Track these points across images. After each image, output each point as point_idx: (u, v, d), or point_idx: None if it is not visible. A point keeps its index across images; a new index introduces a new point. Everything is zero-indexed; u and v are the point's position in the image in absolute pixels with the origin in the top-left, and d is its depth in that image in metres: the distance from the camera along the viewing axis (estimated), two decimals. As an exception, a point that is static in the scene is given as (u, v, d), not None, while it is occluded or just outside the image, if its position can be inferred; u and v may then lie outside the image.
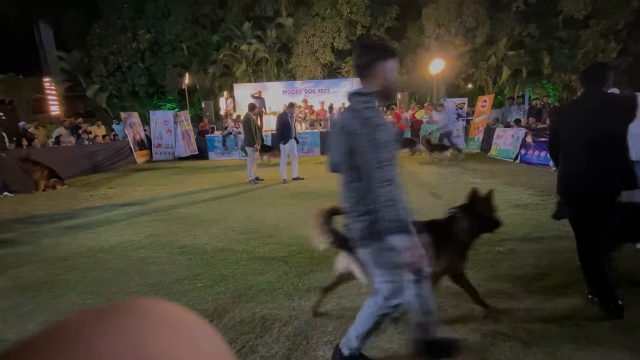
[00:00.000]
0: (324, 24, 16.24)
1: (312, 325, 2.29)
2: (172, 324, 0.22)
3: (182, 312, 0.24)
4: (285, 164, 7.13)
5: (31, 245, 4.05)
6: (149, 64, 17.08)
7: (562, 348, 2.00)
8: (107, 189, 7.27)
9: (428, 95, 16.65)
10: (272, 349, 2.08)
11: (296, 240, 3.78)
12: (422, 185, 6.33)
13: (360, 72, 1.59)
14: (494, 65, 15.91)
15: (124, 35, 16.76)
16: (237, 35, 16.80)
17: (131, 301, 0.23)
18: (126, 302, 0.23)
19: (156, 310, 0.23)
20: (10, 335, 2.35)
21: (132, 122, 12.02)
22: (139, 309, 0.23)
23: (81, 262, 3.51)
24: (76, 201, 6.34)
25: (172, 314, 0.23)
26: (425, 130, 11.66)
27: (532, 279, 2.80)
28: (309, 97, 14.46)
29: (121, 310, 0.22)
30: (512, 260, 3.15)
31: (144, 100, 17.80)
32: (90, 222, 4.89)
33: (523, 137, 8.60)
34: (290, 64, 17.27)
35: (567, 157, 2.36)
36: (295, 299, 2.62)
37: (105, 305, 0.22)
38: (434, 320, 1.94)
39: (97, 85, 17.29)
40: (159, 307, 0.23)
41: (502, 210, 4.54)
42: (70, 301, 2.75)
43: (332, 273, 2.99)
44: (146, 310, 0.23)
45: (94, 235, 4.30)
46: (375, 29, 16.59)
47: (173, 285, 2.92)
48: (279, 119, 7.14)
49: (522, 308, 2.40)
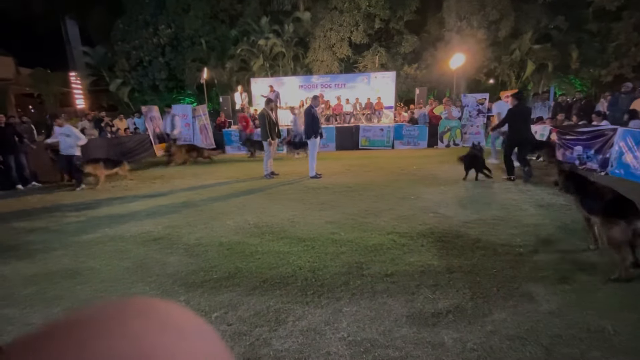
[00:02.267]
0: (342, 17, 16.06)
1: (326, 321, 2.29)
2: (171, 322, 0.23)
3: (180, 311, 0.24)
4: (315, 157, 6.99)
5: (57, 233, 4.22)
6: (169, 59, 17.41)
7: (587, 355, 1.92)
8: (128, 181, 7.49)
9: (447, 90, 16.25)
10: (286, 343, 2.09)
11: (309, 236, 3.78)
12: (447, 184, 6.20)
13: None
14: (518, 60, 15.33)
15: (145, 30, 17.13)
16: (254, 30, 16.86)
17: (130, 300, 0.24)
18: (125, 301, 0.24)
19: (154, 309, 0.23)
20: (36, 319, 2.45)
21: (152, 115, 12.29)
22: (137, 308, 0.23)
23: (103, 250, 3.63)
24: (99, 192, 6.57)
25: (171, 313, 0.24)
26: (444, 126, 11.41)
27: (555, 281, 2.69)
28: (325, 91, 14.37)
29: (120, 309, 0.22)
30: (534, 261, 3.04)
31: (163, 94, 18.19)
32: (112, 213, 5.06)
33: (548, 134, 8.27)
34: (307, 58, 17.21)
35: None
36: (309, 294, 2.62)
37: (104, 304, 0.23)
38: None
39: (119, 79, 17.80)
40: (158, 306, 0.24)
41: (523, 210, 4.42)
42: (94, 288, 2.85)
43: (344, 269, 2.98)
44: (145, 309, 0.23)
45: (116, 225, 4.44)
46: (394, 23, 16.29)
47: (190, 276, 2.98)
48: (306, 113, 7.02)
49: (544, 311, 2.31)
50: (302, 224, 4.21)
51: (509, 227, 3.84)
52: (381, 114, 13.65)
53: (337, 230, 3.93)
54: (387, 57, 16.56)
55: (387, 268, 2.99)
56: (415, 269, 2.96)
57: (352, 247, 3.45)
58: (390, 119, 13.52)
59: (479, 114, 11.60)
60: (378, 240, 3.59)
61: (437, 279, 2.78)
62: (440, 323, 2.23)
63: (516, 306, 2.38)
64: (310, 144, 7.07)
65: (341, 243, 3.56)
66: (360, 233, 3.82)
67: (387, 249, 3.37)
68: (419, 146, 11.61)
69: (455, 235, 3.65)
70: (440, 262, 3.06)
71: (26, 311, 2.55)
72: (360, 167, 8.09)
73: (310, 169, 7.04)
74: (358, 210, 4.66)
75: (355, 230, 3.92)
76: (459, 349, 1.99)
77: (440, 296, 2.53)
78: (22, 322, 2.42)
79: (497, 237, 3.57)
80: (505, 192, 5.40)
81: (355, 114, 13.57)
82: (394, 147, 11.67)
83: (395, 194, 5.49)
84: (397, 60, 16.74)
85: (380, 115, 13.67)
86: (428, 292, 2.59)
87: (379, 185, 6.13)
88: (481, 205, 4.74)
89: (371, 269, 2.98)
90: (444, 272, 2.89)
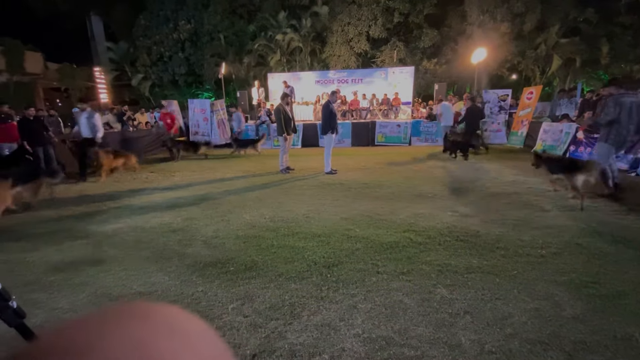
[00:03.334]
0: (360, 11, 15.85)
1: (341, 317, 2.29)
2: (172, 326, 0.23)
3: (181, 315, 0.24)
4: (330, 153, 7.01)
5: (82, 222, 4.39)
6: (188, 54, 17.71)
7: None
8: (148, 173, 7.69)
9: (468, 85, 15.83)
10: (301, 337, 2.11)
11: (324, 231, 3.79)
12: (466, 182, 6.07)
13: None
14: (544, 54, 14.74)
15: (166, 26, 17.47)
16: (272, 25, 16.89)
17: (131, 304, 0.24)
18: (127, 305, 0.24)
19: (156, 313, 0.23)
20: (62, 304, 2.56)
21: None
22: (139, 312, 0.23)
23: (125, 240, 3.76)
24: (121, 184, 6.78)
25: (172, 317, 0.24)
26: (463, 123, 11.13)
27: (580, 285, 2.59)
28: (341, 87, 14.27)
29: (122, 314, 0.23)
30: (557, 264, 2.93)
31: (183, 89, 18.55)
32: (133, 204, 5.21)
33: (574, 132, 7.94)
34: (324, 53, 17.12)
35: None
36: (324, 289, 2.63)
37: (106, 309, 0.23)
38: None
39: (141, 74, 18.26)
40: (159, 309, 0.24)
41: (547, 210, 4.27)
42: (116, 276, 2.95)
43: (359, 266, 2.97)
44: (146, 313, 0.23)
45: (136, 216, 4.57)
46: (413, 16, 15.95)
47: (207, 268, 3.04)
48: (324, 109, 7.04)
49: (568, 316, 2.23)
50: (317, 219, 4.21)
51: (530, 228, 3.72)
52: (398, 109, 13.45)
53: (352, 226, 3.92)
54: (406, 52, 16.26)
55: (403, 266, 2.95)
56: (432, 268, 2.91)
57: (367, 244, 3.43)
58: (407, 114, 13.31)
59: (500, 110, 11.26)
60: (394, 238, 3.55)
61: (454, 278, 2.73)
62: (457, 323, 2.19)
63: (538, 309, 2.30)
64: (326, 139, 7.05)
65: (356, 239, 3.55)
66: (376, 230, 3.79)
67: (403, 247, 3.33)
68: (437, 143, 11.38)
69: (474, 235, 3.57)
70: (458, 262, 3.00)
71: (53, 296, 2.66)
72: (376, 164, 8.02)
73: (325, 164, 7.03)
74: (374, 207, 4.62)
75: (371, 227, 3.89)
76: (476, 350, 1.95)
77: (457, 296, 2.48)
78: (50, 306, 2.53)
79: (518, 238, 3.47)
80: (527, 191, 5.23)
81: (371, 109, 13.42)
82: (411, 143, 11.49)
83: (412, 191, 5.41)
84: (416, 55, 16.41)
85: (397, 111, 13.47)
86: (445, 291, 2.55)
87: (395, 182, 6.05)
88: (501, 204, 4.61)
89: (387, 267, 2.95)
90: (462, 272, 2.83)
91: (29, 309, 2.46)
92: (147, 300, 0.27)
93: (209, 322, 0.22)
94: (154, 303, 0.24)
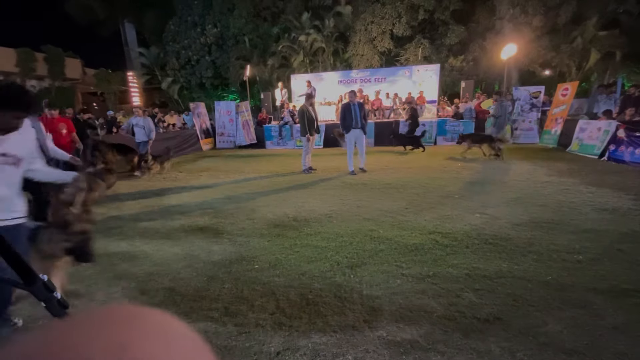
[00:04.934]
0: (384, 10, 15.65)
1: (365, 319, 2.27)
2: (156, 330, 0.23)
3: (165, 318, 0.24)
4: (352, 154, 7.00)
5: (116, 219, 4.63)
6: (215, 57, 18.21)
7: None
8: (177, 173, 7.99)
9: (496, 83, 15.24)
10: (324, 337, 2.11)
11: (347, 232, 3.77)
12: (494, 183, 5.86)
13: None
14: (580, 48, 13.91)
15: (194, 30, 18.07)
16: (295, 27, 17.03)
17: (114, 308, 0.24)
18: (109, 308, 0.24)
19: (140, 316, 0.23)
20: (99, 296, 2.72)
21: (199, 112, 12.96)
22: (122, 316, 0.23)
23: (155, 236, 3.92)
24: (152, 182, 7.08)
25: (156, 320, 0.24)
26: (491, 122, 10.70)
27: (622, 293, 2.43)
28: (364, 86, 14.16)
29: (105, 317, 0.23)
30: (596, 271, 2.76)
31: (209, 91, 19.11)
32: (163, 202, 5.43)
33: (614, 131, 7.45)
34: (347, 53, 17.05)
35: None
36: (347, 290, 2.62)
37: (89, 312, 0.23)
38: None
39: (170, 78, 18.99)
40: (143, 313, 0.24)
41: (584, 213, 4.03)
42: (148, 271, 3.09)
43: (383, 268, 2.94)
44: (130, 316, 0.23)
45: (166, 214, 4.76)
46: (439, 13, 15.55)
47: (232, 265, 3.12)
48: (341, 108, 7.14)
49: (607, 326, 2.10)
50: (339, 219, 4.21)
51: (565, 232, 3.53)
52: (423, 108, 13.17)
53: (376, 227, 3.88)
54: (431, 49, 15.88)
55: (429, 269, 2.89)
56: (459, 271, 2.83)
57: (390, 245, 3.38)
58: (432, 113, 13.00)
59: (532, 108, 10.75)
60: (419, 240, 3.48)
61: (483, 283, 2.64)
62: (487, 330, 2.11)
63: (574, 318, 2.18)
64: (346, 139, 7.04)
65: (379, 241, 3.51)
66: (400, 231, 3.73)
67: (429, 249, 3.26)
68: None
69: (504, 238, 3.43)
70: (487, 266, 2.90)
71: (91, 289, 2.83)
72: (400, 164, 7.89)
73: (349, 165, 7.02)
74: (397, 207, 4.55)
75: (395, 228, 3.84)
76: (507, 358, 1.88)
77: (487, 301, 2.40)
78: (88, 297, 2.69)
79: (551, 242, 3.30)
80: (561, 192, 4.96)
81: (395, 108, 13.23)
82: (436, 143, 11.22)
83: (438, 192, 5.28)
84: (442, 52, 15.99)
85: (422, 109, 13.19)
86: (473, 296, 2.47)
87: (419, 182, 5.93)
88: (533, 206, 4.40)
89: (411, 269, 2.90)
90: (491, 276, 2.73)
91: (69, 299, 2.63)
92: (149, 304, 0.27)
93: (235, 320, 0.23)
94: (139, 306, 0.24)
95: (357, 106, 6.87)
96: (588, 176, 5.94)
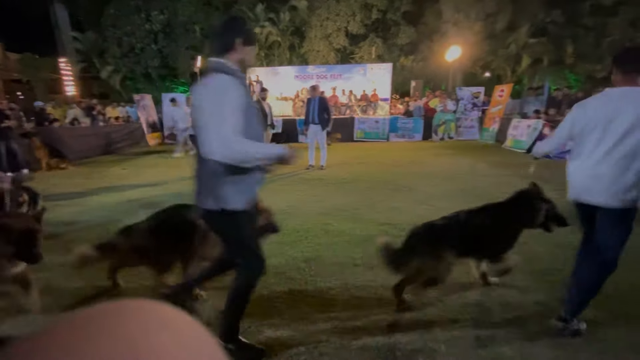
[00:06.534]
0: (339, 7, 15.85)
1: (319, 310, 2.31)
2: (161, 321, 0.23)
3: (172, 312, 0.25)
4: (312, 148, 7.06)
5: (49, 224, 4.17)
6: (162, 46, 17.07)
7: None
8: (121, 170, 7.40)
9: (443, 83, 16.24)
10: (277, 331, 2.12)
11: (303, 227, 3.80)
12: (441, 176, 6.25)
13: None
14: (514, 54, 15.33)
15: (137, 16, 16.72)
16: (249, 18, 16.54)
17: (122, 302, 0.24)
18: (117, 303, 0.24)
19: (144, 309, 0.24)
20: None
21: (145, 104, 12.11)
22: (129, 310, 0.23)
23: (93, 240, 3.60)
24: (90, 180, 6.49)
25: (160, 313, 0.24)
26: (439, 119, 11.43)
27: (543, 272, 2.75)
28: (320, 82, 14.23)
29: (112, 311, 0.23)
30: (525, 253, 3.09)
31: (156, 82, 17.89)
32: (104, 201, 5.00)
33: (540, 128, 8.35)
34: (303, 48, 17.01)
35: None
36: (302, 283, 2.65)
37: (96, 307, 0.23)
38: None
39: (110, 66, 17.42)
40: (149, 307, 0.24)
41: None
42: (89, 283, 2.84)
43: (338, 260, 3.01)
44: (137, 310, 0.23)
45: (108, 214, 4.40)
46: (391, 13, 16.14)
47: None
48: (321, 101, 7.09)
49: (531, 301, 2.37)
50: (296, 214, 4.22)
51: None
52: (377, 105, 13.63)
53: (331, 221, 3.96)
54: (384, 49, 16.45)
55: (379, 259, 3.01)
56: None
57: (344, 238, 3.48)
58: (385, 111, 13.50)
59: (473, 107, 11.65)
60: (371, 231, 3.61)
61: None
62: (425, 309, 2.27)
63: (502, 295, 2.43)
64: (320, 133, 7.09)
65: (334, 234, 3.59)
66: (353, 224, 3.85)
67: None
68: (413, 139, 11.65)
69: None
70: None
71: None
72: (355, 159, 8.11)
73: (309, 158, 7.09)
74: (351, 201, 4.68)
75: (348, 221, 3.95)
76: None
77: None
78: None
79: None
80: (496, 185, 5.46)
81: (350, 105, 13.52)
82: (389, 139, 11.69)
83: (389, 185, 5.52)
84: (394, 51, 16.64)
85: (375, 107, 13.64)
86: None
87: (372, 177, 6.15)
88: (475, 197, 4.79)
89: (363, 259, 3.01)
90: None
91: None
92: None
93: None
94: (140, 300, 0.24)
95: (315, 101, 6.89)
96: (520, 170, 6.59)
